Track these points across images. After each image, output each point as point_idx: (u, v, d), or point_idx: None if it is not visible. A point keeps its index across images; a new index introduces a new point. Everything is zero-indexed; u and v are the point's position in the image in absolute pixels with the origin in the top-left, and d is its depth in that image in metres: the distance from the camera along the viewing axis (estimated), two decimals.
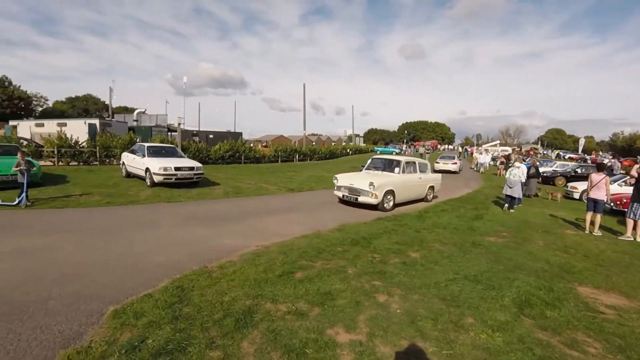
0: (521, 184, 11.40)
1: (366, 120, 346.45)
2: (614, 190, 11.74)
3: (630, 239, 8.02)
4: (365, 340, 3.17)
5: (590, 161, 36.63)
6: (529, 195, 14.57)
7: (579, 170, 20.79)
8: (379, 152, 47.33)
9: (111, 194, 10.51)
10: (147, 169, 12.00)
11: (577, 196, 14.88)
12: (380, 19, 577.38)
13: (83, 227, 6.93)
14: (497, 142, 71.05)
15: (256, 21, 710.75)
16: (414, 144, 74.82)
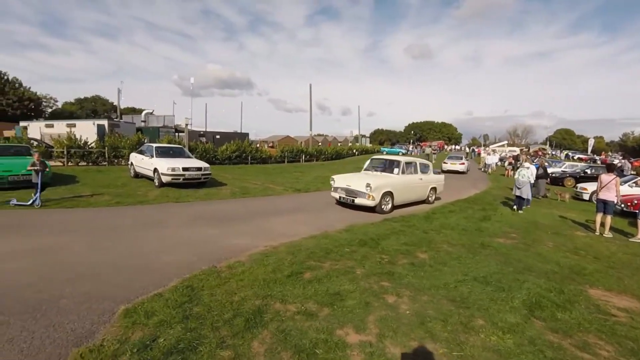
0: (530, 185, 11.30)
1: (372, 120, 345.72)
2: (625, 191, 11.62)
3: None
4: (375, 341, 3.18)
5: (600, 162, 36.19)
6: (538, 197, 14.45)
7: (589, 171, 20.55)
8: (385, 153, 47.18)
9: (120, 194, 10.61)
10: (155, 170, 12.10)
11: (587, 197, 14.75)
12: (386, 19, 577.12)
13: (93, 227, 7.01)
14: (505, 142, 70.43)
15: (262, 22, 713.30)
16: (420, 144, 74.51)
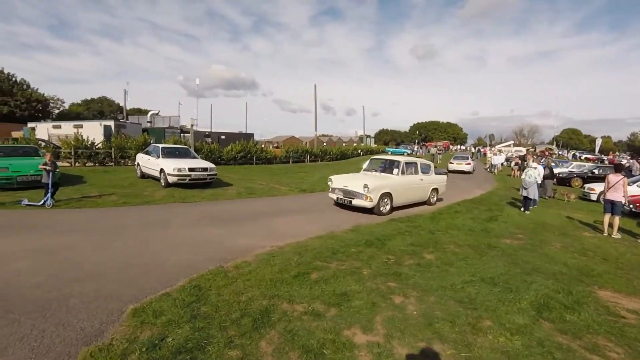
0: (537, 185, 11.22)
1: (377, 120, 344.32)
2: (633, 191, 11.46)
3: None
4: (383, 342, 3.18)
5: (608, 162, 35.83)
6: (545, 197, 14.35)
7: (596, 171, 20.34)
8: (390, 153, 47.06)
9: (127, 194, 10.69)
10: (161, 170, 12.18)
11: (595, 198, 14.61)
12: (390, 19, 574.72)
13: (101, 227, 7.07)
14: (511, 142, 70.00)
15: (267, 23, 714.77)
16: (425, 144, 74.08)
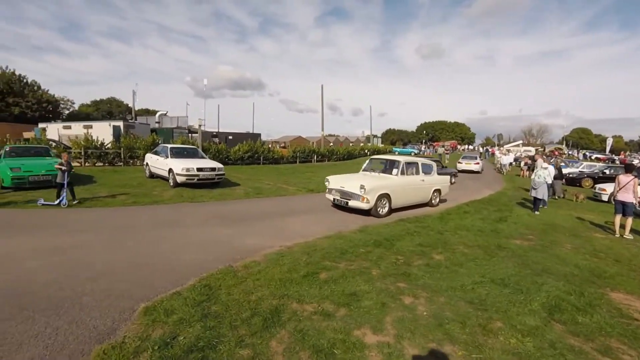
0: (547, 186, 11.10)
1: (384, 120, 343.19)
2: None
3: None
4: (393, 342, 3.17)
5: (619, 162, 35.30)
6: (554, 197, 14.21)
7: (607, 172, 20.05)
8: (397, 153, 46.91)
9: (136, 194, 10.80)
10: (170, 170, 12.28)
11: (606, 198, 14.41)
12: (396, 19, 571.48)
13: (112, 226, 7.15)
14: (520, 142, 69.30)
15: (273, 24, 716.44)
16: (432, 144, 73.71)
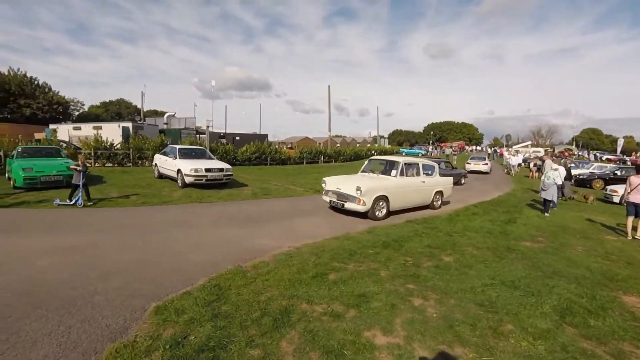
0: (557, 187, 10.97)
1: (391, 121, 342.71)
2: None
3: None
4: (403, 344, 3.17)
5: (630, 163, 34.74)
6: (564, 199, 14.04)
7: (619, 173, 19.74)
8: (404, 154, 46.73)
9: (146, 194, 10.90)
10: (178, 170, 12.36)
11: (618, 200, 14.21)
12: (404, 19, 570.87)
13: (122, 226, 7.23)
14: (529, 142, 68.50)
15: (280, 24, 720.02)
16: (440, 145, 73.34)
